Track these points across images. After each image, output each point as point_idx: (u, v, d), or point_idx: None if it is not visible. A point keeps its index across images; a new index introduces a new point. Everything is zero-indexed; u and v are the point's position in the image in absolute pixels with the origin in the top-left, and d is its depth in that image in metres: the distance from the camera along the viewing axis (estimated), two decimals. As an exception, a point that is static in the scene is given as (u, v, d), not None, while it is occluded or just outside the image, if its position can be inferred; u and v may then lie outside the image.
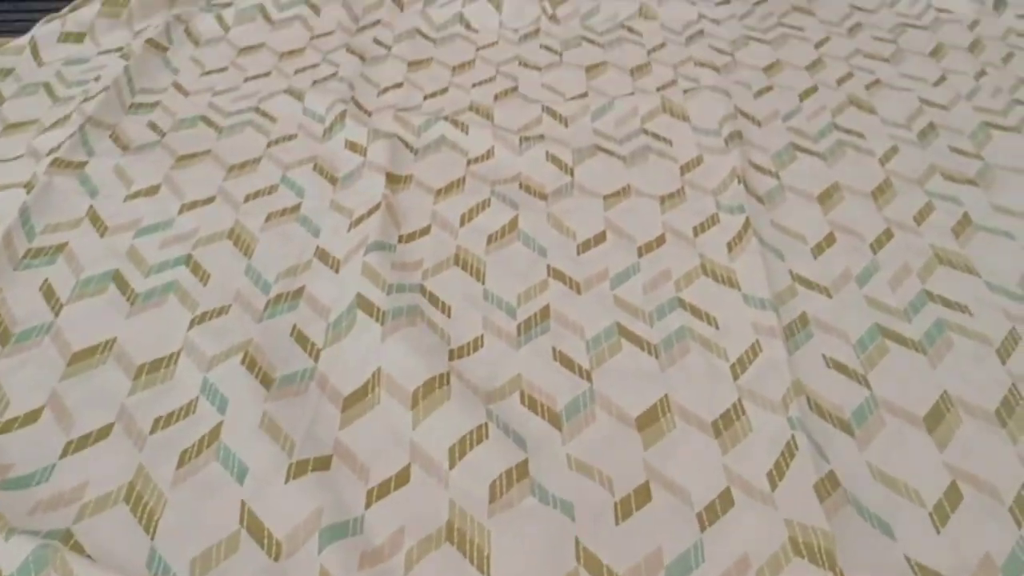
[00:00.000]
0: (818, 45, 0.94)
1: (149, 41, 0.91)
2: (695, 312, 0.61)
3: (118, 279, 0.63)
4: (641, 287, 0.63)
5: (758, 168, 0.75)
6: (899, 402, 0.54)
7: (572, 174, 0.74)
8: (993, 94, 0.85)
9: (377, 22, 0.99)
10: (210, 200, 0.71)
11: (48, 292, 0.61)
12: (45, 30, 0.93)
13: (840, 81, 0.88)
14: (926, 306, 0.61)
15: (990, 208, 0.71)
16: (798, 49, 0.93)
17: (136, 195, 0.71)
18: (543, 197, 0.72)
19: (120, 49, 0.93)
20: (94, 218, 0.69)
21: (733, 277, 0.63)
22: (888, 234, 0.68)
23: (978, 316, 0.60)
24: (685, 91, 0.84)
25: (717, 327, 0.59)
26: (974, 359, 0.57)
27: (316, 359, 0.57)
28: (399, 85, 0.87)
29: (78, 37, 0.93)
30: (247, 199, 0.71)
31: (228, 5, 1.01)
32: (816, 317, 0.60)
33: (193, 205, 0.70)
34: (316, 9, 1.00)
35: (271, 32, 0.98)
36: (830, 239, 0.68)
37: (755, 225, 0.67)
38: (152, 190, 0.72)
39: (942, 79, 0.88)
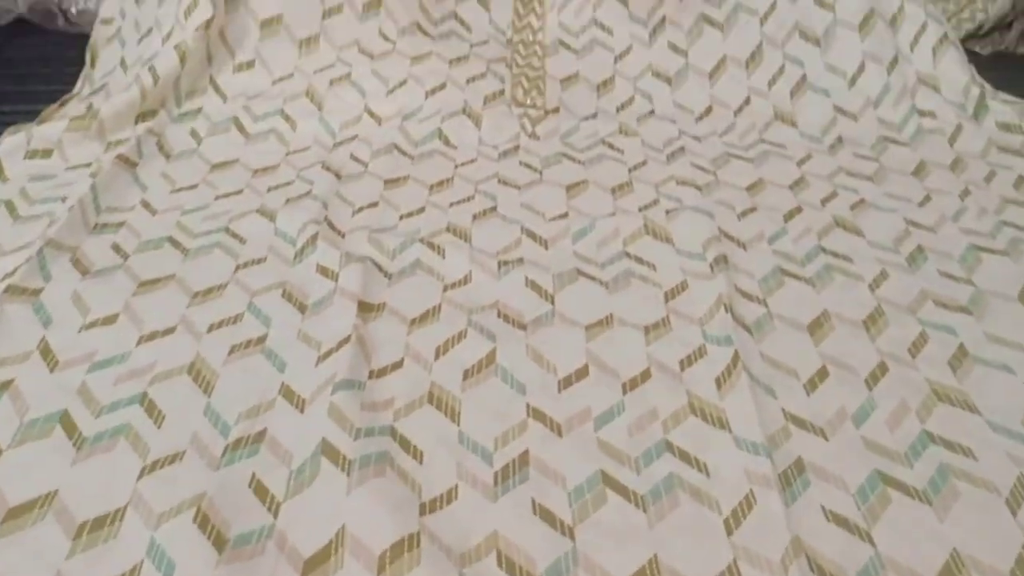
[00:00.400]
0: (800, 163, 0.93)
1: (119, 157, 0.88)
2: (684, 457, 0.57)
3: (65, 421, 0.58)
4: (626, 428, 0.59)
5: (745, 295, 0.72)
6: (906, 562, 0.50)
7: (552, 301, 0.71)
8: (979, 215, 0.83)
9: (355, 137, 0.97)
10: (171, 330, 0.67)
11: (-12, 436, 0.57)
12: (10, 144, 0.90)
13: (824, 201, 0.86)
14: (928, 449, 0.58)
15: (985, 338, 0.68)
16: (780, 167, 0.92)
17: (93, 324, 0.68)
18: (522, 327, 0.68)
19: (89, 165, 0.90)
20: (45, 351, 0.64)
21: (723, 417, 0.60)
22: (883, 368, 0.65)
23: (983, 460, 0.57)
24: (668, 211, 0.83)
25: (708, 474, 0.56)
26: (983, 510, 0.53)
27: (276, 514, 0.52)
28: (374, 204, 0.85)
29: (45, 153, 0.91)
30: (210, 329, 0.68)
31: (199, 111, 0.98)
32: (813, 463, 0.57)
33: (152, 336, 0.67)
34: (292, 123, 0.99)
35: (245, 146, 0.95)
36: (823, 373, 0.65)
37: (744, 358, 0.64)
38: (110, 319, 0.68)
39: (927, 199, 0.87)
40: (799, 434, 0.59)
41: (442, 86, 1.00)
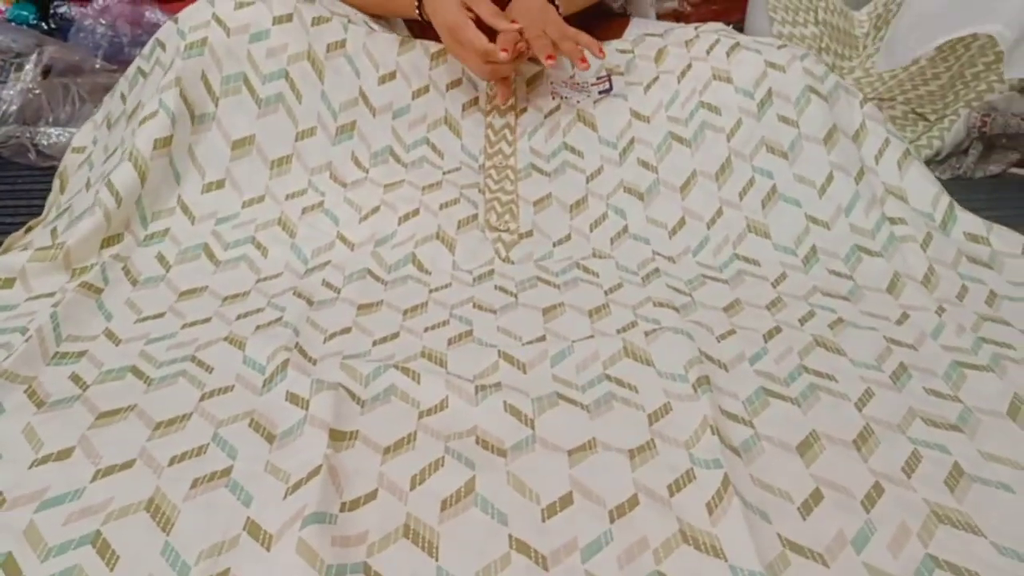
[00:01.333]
0: (775, 283, 0.93)
1: (83, 284, 0.86)
2: (679, 590, 0.53)
3: (9, 566, 0.54)
4: (615, 560, 0.56)
5: (730, 416, 0.70)
6: None
7: (533, 426, 0.69)
8: (958, 332, 0.83)
9: (327, 263, 0.96)
10: (129, 464, 0.63)
11: (-79, 586, 0.52)
12: (-29, 275, 0.87)
13: (802, 320, 0.85)
14: (934, 574, 0.55)
15: (980, 457, 0.66)
16: (756, 288, 0.92)
17: (45, 460, 0.63)
18: (502, 453, 0.65)
19: (52, 295, 0.87)
20: (-9, 490, 0.60)
21: (717, 545, 0.57)
22: (878, 489, 0.62)
23: (993, 586, 0.54)
24: (646, 333, 0.81)
25: (705, 609, 0.52)
26: (999, 641, 0.50)
27: (237, 666, 0.48)
28: (347, 330, 0.82)
29: (7, 282, 0.88)
30: (172, 462, 0.64)
31: (166, 233, 0.96)
32: (815, 593, 0.53)
33: (110, 471, 0.63)
34: (264, 250, 0.97)
35: (215, 274, 0.93)
36: (817, 496, 0.62)
37: (735, 482, 0.61)
38: (64, 454, 0.64)
39: (904, 316, 0.87)
40: (798, 561, 0.56)
41: (415, 212, 1.00)
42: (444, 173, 1.04)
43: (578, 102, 1.11)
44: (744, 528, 0.57)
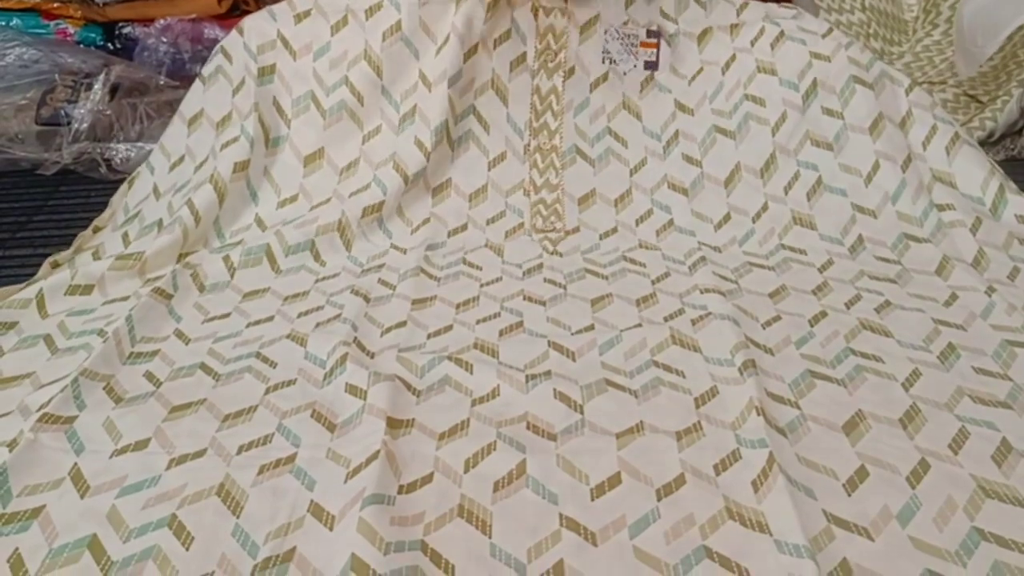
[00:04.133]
0: (822, 269, 0.94)
1: (155, 290, 0.91)
2: (724, 563, 0.55)
3: (94, 546, 0.58)
4: (663, 535, 0.58)
5: (776, 398, 0.71)
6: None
7: (582, 412, 0.71)
8: (1008, 312, 0.83)
9: (382, 265, 0.99)
10: (201, 453, 0.67)
11: (16, 564, 0.56)
12: (54, 281, 0.92)
13: (849, 304, 0.86)
14: (980, 547, 0.56)
15: (1029, 432, 0.66)
16: (802, 274, 0.93)
17: (124, 450, 0.68)
18: (552, 438, 0.68)
19: (127, 298, 0.92)
20: (76, 477, 0.65)
21: (763, 521, 0.58)
22: (924, 465, 0.63)
23: (1039, 557, 0.55)
24: (693, 321, 0.83)
25: (751, 580, 0.54)
26: (1045, 609, 0.51)
27: (305, 636, 0.51)
28: (402, 324, 0.86)
29: (86, 289, 0.93)
30: (240, 451, 0.68)
31: (237, 244, 1.01)
32: (860, 564, 0.55)
33: (183, 459, 0.67)
34: (322, 262, 1.00)
35: (276, 278, 0.97)
36: (862, 473, 0.63)
37: (780, 461, 0.62)
38: (141, 444, 0.68)
39: (953, 297, 0.86)
40: (843, 535, 0.57)
41: (463, 227, 1.04)
42: (489, 169, 1.07)
43: (625, 73, 1.12)
44: (789, 504, 0.59)
